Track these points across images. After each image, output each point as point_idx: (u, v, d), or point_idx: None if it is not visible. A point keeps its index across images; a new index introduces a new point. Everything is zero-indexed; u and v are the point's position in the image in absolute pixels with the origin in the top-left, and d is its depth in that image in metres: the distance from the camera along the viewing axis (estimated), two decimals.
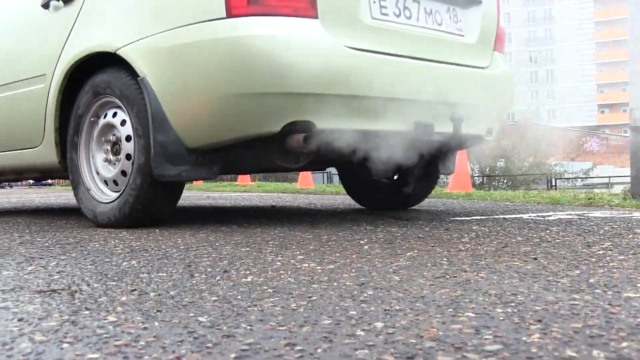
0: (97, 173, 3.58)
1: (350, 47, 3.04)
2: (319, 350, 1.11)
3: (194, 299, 1.60)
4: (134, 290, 1.75)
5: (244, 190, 11.55)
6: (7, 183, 36.13)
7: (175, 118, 3.06)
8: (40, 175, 5.37)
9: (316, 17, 2.97)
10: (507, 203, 5.71)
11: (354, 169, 4.55)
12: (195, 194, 10.36)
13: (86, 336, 1.24)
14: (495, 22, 3.88)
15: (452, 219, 3.87)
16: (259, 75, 2.90)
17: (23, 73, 3.94)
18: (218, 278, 1.91)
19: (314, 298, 1.59)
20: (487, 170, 24.17)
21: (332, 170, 37.76)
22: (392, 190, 4.59)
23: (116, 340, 1.20)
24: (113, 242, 2.95)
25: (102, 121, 3.53)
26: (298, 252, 2.45)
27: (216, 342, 1.18)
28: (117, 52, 3.24)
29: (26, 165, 4.12)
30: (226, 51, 2.92)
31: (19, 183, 37.20)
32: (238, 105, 2.97)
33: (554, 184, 22.81)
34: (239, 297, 1.62)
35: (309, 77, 2.89)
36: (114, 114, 3.44)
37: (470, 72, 3.61)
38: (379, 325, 1.28)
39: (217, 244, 2.75)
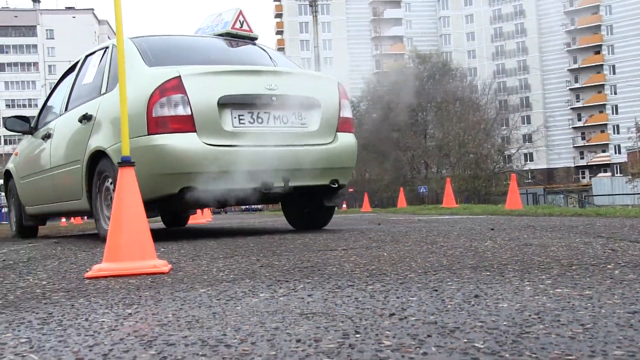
0: (104, 213, 5.62)
1: (215, 145, 5.04)
2: None
3: (457, 324, 1.57)
4: (393, 314, 1.76)
5: (451, 213, 11.40)
6: (222, 209, 39.35)
7: (152, 179, 5.00)
8: (81, 215, 8.85)
9: (195, 132, 5.01)
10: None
11: (291, 204, 6.73)
12: (407, 217, 10.41)
13: (370, 359, 1.26)
14: (337, 115, 5.75)
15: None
16: (164, 164, 4.97)
17: (71, 158, 6.14)
18: (472, 303, 1.87)
19: (589, 326, 1.49)
20: None
21: (539, 191, 35.96)
22: (309, 217, 6.60)
23: None
24: (348, 265, 3.03)
25: (104, 186, 5.59)
26: (544, 277, 2.34)
27: None
28: (105, 151, 5.36)
29: (75, 209, 6.56)
30: (148, 152, 4.95)
31: (232, 209, 40.24)
32: (156, 179, 5.01)
33: None
34: (505, 323, 1.56)
35: (190, 163, 4.97)
36: (110, 182, 5.43)
37: (308, 149, 5.44)
38: None
39: (454, 267, 2.71)
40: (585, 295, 1.91)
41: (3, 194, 32.52)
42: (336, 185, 5.72)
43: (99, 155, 5.54)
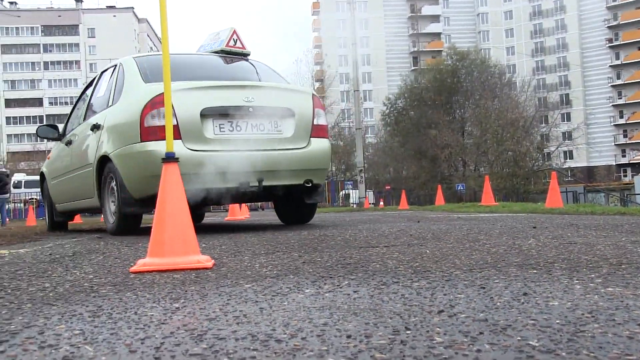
0: (110, 209, 6.48)
1: (198, 150, 5.76)
2: None
3: (508, 322, 1.55)
4: (442, 311, 1.74)
5: (490, 211, 11.27)
6: (260, 206, 39.72)
7: (127, 186, 5.94)
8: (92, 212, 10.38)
9: (180, 139, 5.67)
10: None
11: (280, 203, 7.57)
12: (445, 215, 10.32)
13: (423, 355, 1.25)
14: (310, 123, 6.42)
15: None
16: (154, 167, 5.32)
17: (85, 162, 6.96)
18: (522, 301, 1.84)
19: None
20: None
21: (579, 189, 35.45)
22: (295, 214, 7.45)
23: None
24: (391, 262, 3.01)
25: (110, 186, 6.34)
26: (593, 276, 2.29)
27: None
28: (109, 155, 6.16)
29: (90, 206, 7.35)
30: (141, 156, 5.77)
31: (269, 205, 40.50)
32: (148, 180, 5.57)
33: None
34: (558, 321, 1.53)
35: (188, 168, 5.43)
36: (114, 183, 6.21)
37: (283, 152, 6.11)
38: None
39: (499, 265, 2.67)
40: (639, 295, 1.87)
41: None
42: (310, 185, 6.38)
43: (105, 160, 6.38)
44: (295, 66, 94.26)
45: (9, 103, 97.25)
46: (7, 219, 17.62)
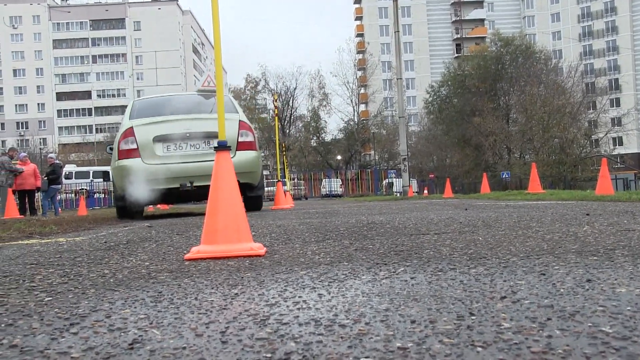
0: None
1: (151, 164, 8.54)
2: None
3: (576, 308, 1.52)
4: (504, 297, 1.72)
5: (538, 199, 11.08)
6: (303, 196, 39.95)
7: (115, 187, 9.35)
8: None
9: (140, 157, 8.58)
10: None
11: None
12: (492, 202, 10.20)
13: (493, 340, 1.23)
14: (235, 141, 8.81)
15: None
16: (124, 177, 8.58)
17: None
18: (587, 287, 1.80)
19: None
20: None
21: (629, 176, 34.53)
22: (249, 203, 9.43)
23: (528, 348, 1.18)
24: (444, 249, 2.99)
25: None
26: None
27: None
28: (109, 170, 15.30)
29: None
30: (119, 169, 8.74)
31: (313, 194, 40.72)
32: (123, 184, 8.68)
33: None
34: (629, 308, 1.50)
35: (137, 175, 8.41)
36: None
37: (212, 162, 8.09)
38: None
39: (556, 252, 2.62)
40: None
41: (98, 181, 33.90)
42: (239, 183, 8.63)
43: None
44: (338, 55, 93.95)
45: (60, 96, 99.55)
46: (60, 209, 18.06)
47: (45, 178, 17.14)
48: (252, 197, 9.43)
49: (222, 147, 3.43)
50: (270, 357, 1.21)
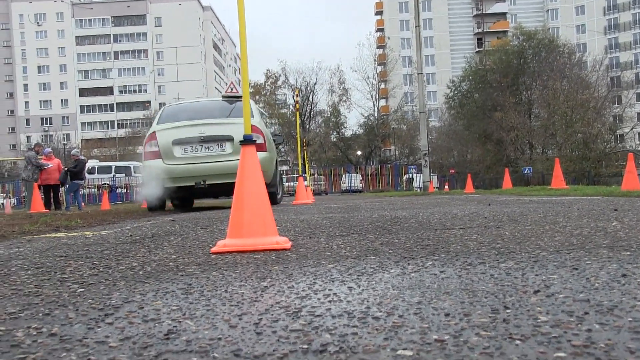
0: None
1: (171, 164, 9.71)
2: None
3: (613, 303, 1.50)
4: (537, 291, 1.70)
5: (561, 194, 10.98)
6: (323, 191, 40.01)
7: (144, 182, 10.44)
8: None
9: (161, 158, 9.75)
10: None
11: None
12: (515, 198, 10.12)
13: (531, 334, 1.22)
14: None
15: None
16: (149, 175, 9.92)
17: None
18: (622, 282, 1.78)
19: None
20: None
21: None
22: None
23: (568, 341, 1.16)
24: (471, 243, 2.97)
25: None
26: None
27: None
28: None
29: None
30: (144, 168, 10.27)
31: (332, 189, 40.75)
32: (149, 182, 9.97)
33: None
34: None
35: (159, 174, 9.70)
36: None
37: (224, 163, 9.60)
38: None
39: (587, 247, 2.59)
40: None
41: (120, 176, 34.25)
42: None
43: None
44: (358, 50, 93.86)
45: (82, 92, 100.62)
46: (83, 204, 18.24)
47: (66, 169, 17.28)
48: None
49: (248, 141, 3.43)
50: (307, 348, 1.21)
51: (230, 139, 9.69)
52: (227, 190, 9.92)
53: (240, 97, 10.53)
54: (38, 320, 1.61)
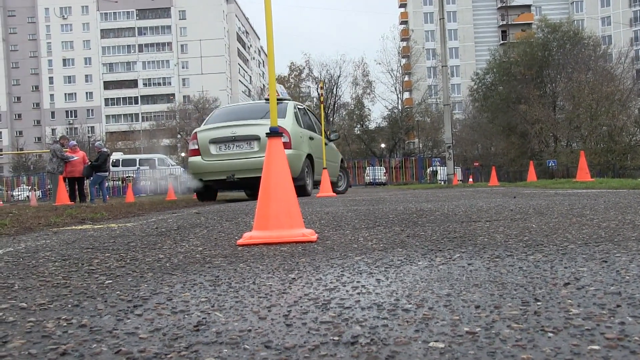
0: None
1: (208, 160, 11.22)
2: None
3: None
4: (567, 284, 1.69)
5: (586, 187, 10.86)
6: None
7: (189, 175, 12.00)
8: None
9: (200, 155, 11.32)
10: None
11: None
12: (540, 191, 10.02)
13: (563, 326, 1.21)
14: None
15: None
16: (191, 170, 11.56)
17: None
18: None
19: None
20: None
21: None
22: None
23: (601, 334, 1.15)
24: (498, 236, 2.95)
25: None
26: None
27: None
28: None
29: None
30: (189, 164, 11.77)
31: (356, 182, 40.70)
32: (192, 175, 11.59)
33: None
34: None
35: (200, 169, 11.29)
36: None
37: (252, 159, 10.88)
38: None
39: (616, 240, 2.56)
40: None
41: (144, 169, 34.50)
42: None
43: None
44: (382, 43, 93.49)
45: (107, 85, 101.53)
46: (107, 196, 18.43)
47: (89, 163, 17.47)
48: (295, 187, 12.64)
49: (274, 133, 3.44)
50: (338, 340, 1.21)
51: (257, 138, 10.90)
52: (254, 183, 10.72)
53: (282, 100, 11.90)
54: (67, 311, 1.63)
